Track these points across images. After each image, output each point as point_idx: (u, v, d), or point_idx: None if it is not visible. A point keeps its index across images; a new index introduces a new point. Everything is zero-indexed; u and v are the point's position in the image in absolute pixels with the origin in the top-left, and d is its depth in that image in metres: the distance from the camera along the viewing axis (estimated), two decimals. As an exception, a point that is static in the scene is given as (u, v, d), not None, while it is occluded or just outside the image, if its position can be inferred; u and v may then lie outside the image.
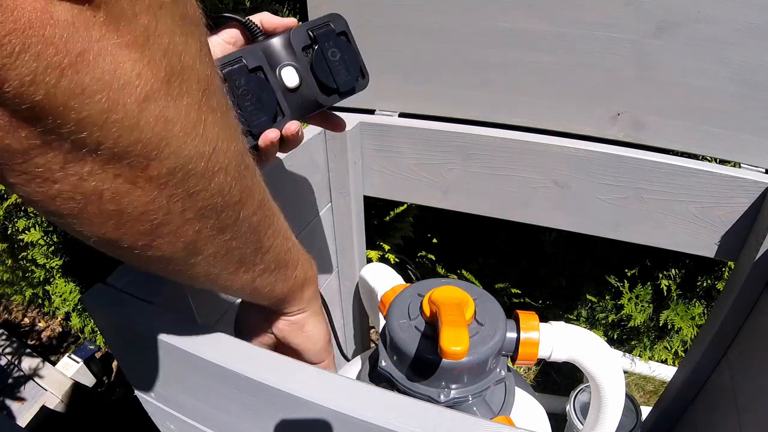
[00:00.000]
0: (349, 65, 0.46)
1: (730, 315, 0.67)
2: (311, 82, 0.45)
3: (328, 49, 0.45)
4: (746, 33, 0.59)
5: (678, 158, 0.69)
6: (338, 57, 0.45)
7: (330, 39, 0.45)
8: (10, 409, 1.40)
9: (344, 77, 0.46)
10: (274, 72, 0.43)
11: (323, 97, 0.46)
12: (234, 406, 0.45)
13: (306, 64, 0.45)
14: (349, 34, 0.47)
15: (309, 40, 0.45)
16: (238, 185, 0.28)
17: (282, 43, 0.44)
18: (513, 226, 1.03)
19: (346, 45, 0.46)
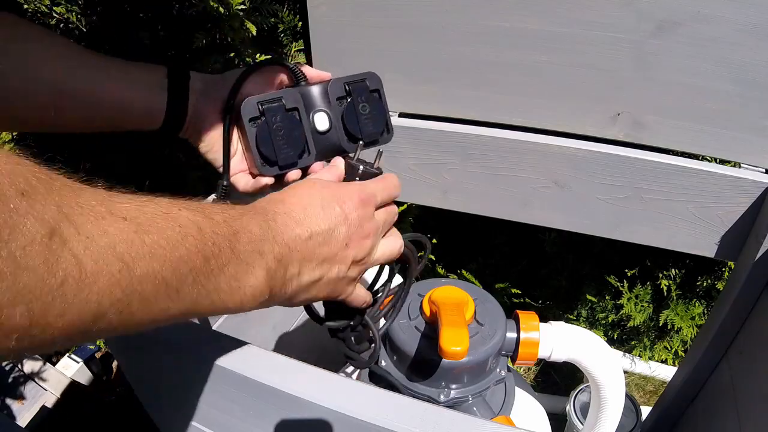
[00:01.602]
0: (376, 120, 0.52)
1: (730, 315, 0.67)
2: (339, 129, 0.50)
3: (359, 103, 0.50)
4: (746, 33, 0.59)
5: (678, 158, 0.69)
6: (367, 111, 0.51)
7: (363, 94, 0.51)
8: (10, 409, 1.40)
9: (370, 130, 0.51)
10: (308, 115, 0.49)
11: (348, 144, 0.51)
12: (234, 406, 0.45)
13: (338, 113, 0.50)
14: (382, 91, 0.52)
15: (344, 92, 0.50)
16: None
17: (320, 91, 0.50)
18: (513, 226, 1.03)
19: (377, 101, 0.52)
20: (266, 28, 1.12)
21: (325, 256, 0.40)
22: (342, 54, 0.79)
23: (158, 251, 0.27)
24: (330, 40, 0.78)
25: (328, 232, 0.40)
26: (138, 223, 0.26)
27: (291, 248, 0.38)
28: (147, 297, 0.26)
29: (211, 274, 0.31)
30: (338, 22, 0.76)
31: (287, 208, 0.39)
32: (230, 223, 0.33)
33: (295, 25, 1.19)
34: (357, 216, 0.42)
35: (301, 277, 0.39)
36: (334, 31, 0.77)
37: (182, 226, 0.29)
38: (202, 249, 0.30)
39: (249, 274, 0.34)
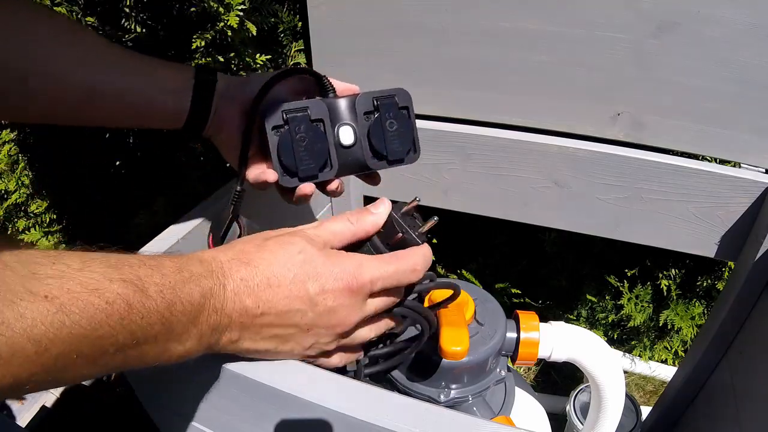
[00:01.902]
0: (403, 138, 0.49)
1: (730, 315, 0.67)
2: (365, 145, 0.49)
3: (387, 119, 0.48)
4: (746, 33, 0.59)
5: (678, 158, 0.69)
6: (395, 128, 0.49)
7: (391, 110, 0.49)
8: (10, 409, 1.40)
9: (395, 148, 0.49)
10: (333, 128, 0.47)
11: (372, 161, 0.49)
12: (235, 406, 0.45)
13: (364, 128, 0.48)
14: (411, 109, 0.50)
15: (372, 107, 0.48)
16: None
17: (347, 104, 0.48)
18: (513, 226, 1.03)
19: (405, 119, 0.50)
20: (266, 28, 1.12)
21: (276, 333, 0.37)
22: (342, 54, 0.79)
23: (78, 332, 0.27)
24: (330, 40, 0.78)
25: (285, 314, 0.36)
26: (60, 303, 0.26)
27: (232, 319, 0.35)
28: (63, 369, 0.27)
29: (137, 345, 0.30)
30: (338, 22, 0.76)
31: (247, 274, 0.36)
32: (166, 294, 0.31)
33: (295, 25, 1.19)
34: (333, 305, 0.37)
35: (239, 344, 0.37)
36: (334, 31, 0.77)
37: (109, 303, 0.28)
38: (127, 326, 0.29)
39: (178, 342, 0.33)
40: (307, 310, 0.37)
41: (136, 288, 0.30)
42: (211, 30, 1.06)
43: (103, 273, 0.29)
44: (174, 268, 0.33)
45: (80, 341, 0.27)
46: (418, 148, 0.51)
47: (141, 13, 1.07)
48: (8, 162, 1.41)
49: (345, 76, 0.52)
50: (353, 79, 0.53)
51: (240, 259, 0.36)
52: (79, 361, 0.27)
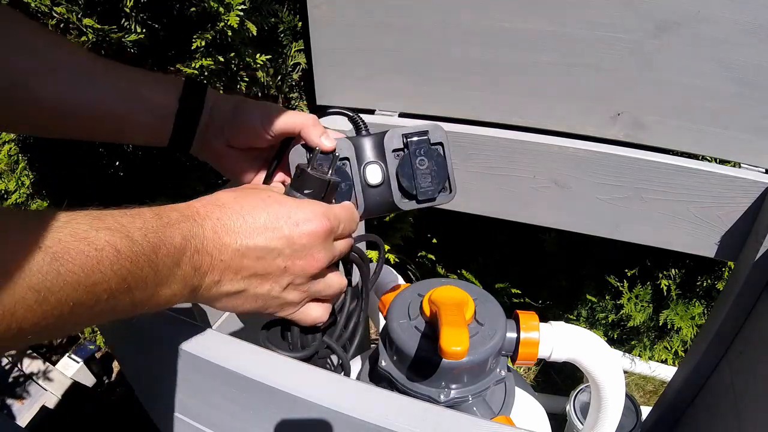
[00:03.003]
0: (435, 176, 0.47)
1: (730, 315, 0.67)
2: (393, 184, 0.47)
3: (417, 156, 0.46)
4: (746, 33, 0.59)
5: (678, 158, 0.69)
6: (425, 166, 0.47)
7: (422, 147, 0.46)
8: (11, 409, 1.40)
9: (426, 187, 0.47)
10: (359, 167, 0.46)
11: (401, 200, 0.47)
12: (234, 406, 0.45)
13: (393, 166, 0.46)
14: (446, 146, 0.48)
15: (402, 144, 0.46)
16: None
17: (375, 142, 0.46)
18: (513, 226, 1.03)
19: (438, 156, 0.47)
20: (266, 28, 1.12)
21: (254, 271, 0.38)
22: (342, 54, 0.79)
23: (72, 279, 0.28)
24: (330, 40, 0.78)
25: (263, 250, 0.38)
26: (53, 252, 0.27)
27: (213, 257, 0.36)
28: (62, 316, 0.28)
29: (128, 291, 0.32)
30: (338, 22, 0.76)
31: (223, 213, 0.37)
32: (150, 238, 0.33)
33: (295, 25, 1.19)
34: (306, 243, 0.39)
35: (221, 286, 0.38)
36: (334, 31, 0.77)
37: (98, 250, 0.29)
38: (117, 271, 0.30)
39: (165, 286, 0.34)
40: (283, 248, 0.38)
41: (122, 234, 0.31)
42: (211, 30, 1.06)
43: (89, 224, 0.30)
44: (153, 215, 0.34)
45: (75, 289, 0.28)
46: (454, 187, 0.49)
47: (141, 13, 1.07)
48: (8, 162, 1.41)
49: (345, 76, 0.52)
50: (354, 78, 0.53)
51: (214, 203, 0.38)
52: (76, 309, 0.28)
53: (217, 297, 0.39)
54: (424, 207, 0.48)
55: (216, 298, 0.39)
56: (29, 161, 1.42)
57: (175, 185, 1.30)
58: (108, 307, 0.31)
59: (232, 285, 0.38)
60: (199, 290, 0.37)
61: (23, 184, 1.44)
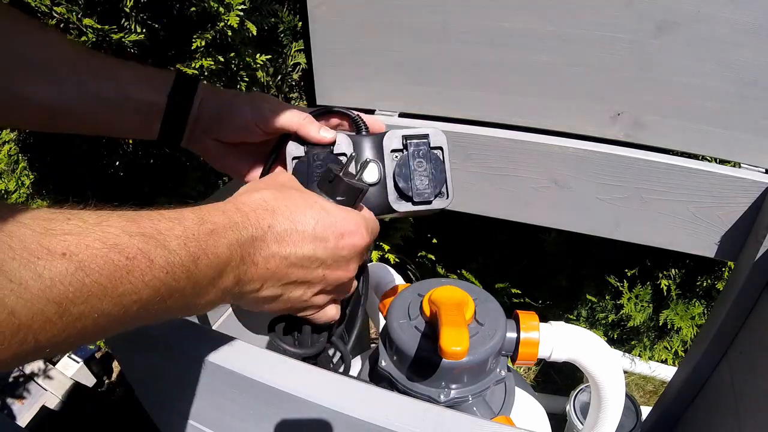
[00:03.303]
0: (432, 180, 0.47)
1: (730, 315, 0.67)
2: (389, 184, 0.46)
3: (415, 158, 0.46)
4: (746, 33, 0.59)
5: (678, 158, 0.69)
6: (423, 168, 0.46)
7: (421, 149, 0.46)
8: (11, 408, 1.40)
9: (422, 189, 0.46)
10: (357, 164, 0.45)
11: (396, 201, 0.47)
12: (234, 406, 0.45)
13: (391, 166, 0.46)
14: (445, 151, 0.47)
15: (401, 145, 0.46)
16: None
17: (374, 141, 0.46)
18: (513, 226, 1.03)
19: (437, 160, 0.47)
20: (266, 28, 1.12)
21: (295, 279, 0.38)
22: (342, 54, 0.79)
23: (99, 291, 0.25)
24: (330, 40, 0.78)
25: (309, 260, 0.37)
26: (78, 260, 0.25)
27: (259, 266, 0.35)
28: (86, 330, 0.26)
29: (161, 301, 0.29)
30: (338, 22, 0.76)
31: (275, 220, 0.36)
32: (190, 247, 0.30)
33: (295, 25, 1.19)
34: (348, 254, 0.39)
35: (259, 292, 0.37)
36: (334, 31, 0.77)
37: (130, 259, 0.27)
38: (149, 282, 0.28)
39: (203, 296, 0.32)
40: (327, 258, 0.38)
41: (157, 242, 0.28)
42: (211, 30, 1.06)
43: (122, 227, 0.27)
44: (196, 220, 0.32)
45: (101, 300, 0.26)
46: (450, 192, 0.48)
47: (141, 13, 1.07)
48: (8, 162, 1.41)
49: (345, 76, 0.52)
50: (354, 78, 0.53)
51: (264, 208, 0.36)
52: (101, 321, 0.26)
53: (252, 301, 0.38)
54: (418, 210, 0.48)
55: (250, 301, 0.38)
56: (29, 161, 1.42)
57: (175, 185, 1.30)
58: (137, 317, 0.29)
59: (270, 291, 0.37)
60: (234, 297, 0.36)
61: (23, 184, 1.44)
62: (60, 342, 0.25)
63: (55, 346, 0.25)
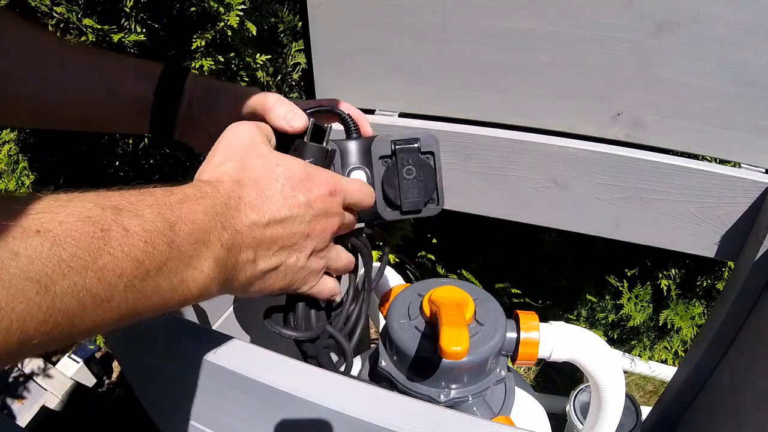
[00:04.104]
0: (422, 187, 0.45)
1: (730, 315, 0.67)
2: (378, 192, 0.45)
3: (404, 165, 0.44)
4: (746, 33, 0.59)
5: (678, 158, 0.69)
6: (413, 176, 0.44)
7: (410, 155, 0.44)
8: (11, 408, 1.40)
9: (411, 197, 0.45)
10: (344, 171, 0.44)
11: (384, 209, 0.45)
12: (234, 406, 0.45)
13: (379, 173, 0.45)
14: (437, 155, 0.46)
15: (390, 151, 0.44)
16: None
17: (362, 147, 0.44)
18: (513, 226, 1.03)
19: (427, 166, 0.45)
20: (266, 28, 1.12)
21: (284, 243, 0.38)
22: (342, 54, 0.79)
23: (77, 264, 0.25)
24: (330, 40, 0.78)
25: (288, 219, 0.37)
26: (53, 236, 0.24)
27: (244, 234, 0.35)
28: (73, 313, 0.25)
29: (147, 276, 0.28)
30: (338, 22, 0.76)
31: (242, 192, 0.36)
32: (165, 215, 0.30)
33: (295, 25, 1.19)
34: (323, 206, 0.39)
35: (256, 264, 0.36)
36: (334, 31, 0.77)
37: (105, 230, 0.26)
38: (130, 252, 0.27)
39: (192, 268, 0.31)
40: (304, 214, 0.38)
41: (130, 212, 0.28)
42: (211, 30, 1.06)
43: (93, 201, 0.27)
44: (165, 192, 0.31)
45: (83, 275, 0.25)
46: (441, 199, 0.46)
47: (141, 13, 1.07)
48: (8, 162, 1.41)
49: (345, 76, 0.51)
50: (354, 78, 0.53)
51: (231, 180, 0.36)
52: (86, 302, 0.25)
53: (251, 279, 0.37)
54: (408, 218, 0.47)
55: (250, 281, 0.37)
56: (29, 161, 1.42)
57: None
58: (126, 302, 0.27)
59: (267, 262, 0.37)
60: (235, 273, 0.35)
61: (23, 184, 1.44)
62: (48, 331, 0.24)
63: (44, 336, 0.24)
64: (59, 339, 0.25)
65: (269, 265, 0.37)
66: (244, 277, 0.36)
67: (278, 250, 0.37)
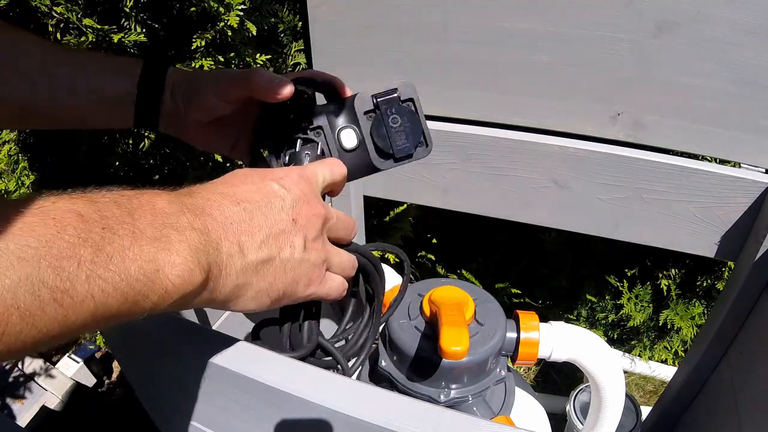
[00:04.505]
0: (410, 133, 0.47)
1: (730, 315, 0.67)
2: (369, 146, 0.47)
3: (389, 115, 0.46)
4: (746, 33, 0.59)
5: (678, 158, 0.69)
6: (399, 124, 0.47)
7: (393, 106, 0.47)
8: (11, 408, 1.40)
9: (401, 144, 0.47)
10: (333, 133, 0.46)
11: (379, 160, 0.47)
12: (234, 406, 0.45)
13: (367, 128, 0.46)
14: (416, 101, 0.48)
15: (372, 105, 0.46)
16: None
17: (347, 106, 0.47)
18: (513, 226, 1.03)
19: (410, 113, 0.47)
20: (266, 28, 1.12)
21: (269, 230, 0.35)
22: (342, 54, 0.79)
23: (28, 253, 0.22)
24: (330, 40, 0.78)
25: (265, 203, 0.35)
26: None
27: (219, 221, 0.32)
28: (29, 310, 0.22)
29: (111, 264, 0.25)
30: (338, 22, 0.76)
31: (208, 187, 0.34)
32: (122, 203, 0.27)
33: (295, 25, 1.19)
34: (300, 190, 0.37)
35: (245, 255, 0.33)
36: (334, 31, 0.77)
37: (57, 219, 0.24)
38: (87, 237, 0.24)
39: (164, 251, 0.28)
40: (283, 198, 0.36)
41: (85, 200, 0.26)
42: (211, 30, 1.06)
43: (43, 198, 0.25)
44: (119, 191, 0.29)
45: (34, 265, 0.22)
46: (429, 141, 0.48)
47: (141, 13, 1.07)
48: (8, 162, 1.41)
49: (345, 76, 0.51)
50: (354, 78, 0.53)
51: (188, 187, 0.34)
52: (44, 295, 0.23)
53: (248, 274, 0.34)
54: (402, 164, 0.49)
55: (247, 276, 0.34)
56: (29, 161, 1.42)
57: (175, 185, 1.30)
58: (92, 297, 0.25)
59: (256, 253, 0.34)
60: (223, 267, 0.32)
61: (23, 184, 1.44)
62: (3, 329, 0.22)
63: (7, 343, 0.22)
64: (18, 345, 0.23)
65: (260, 257, 0.34)
66: (235, 272, 0.33)
67: (265, 238, 0.35)
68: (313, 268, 0.39)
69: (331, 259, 0.42)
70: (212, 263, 0.31)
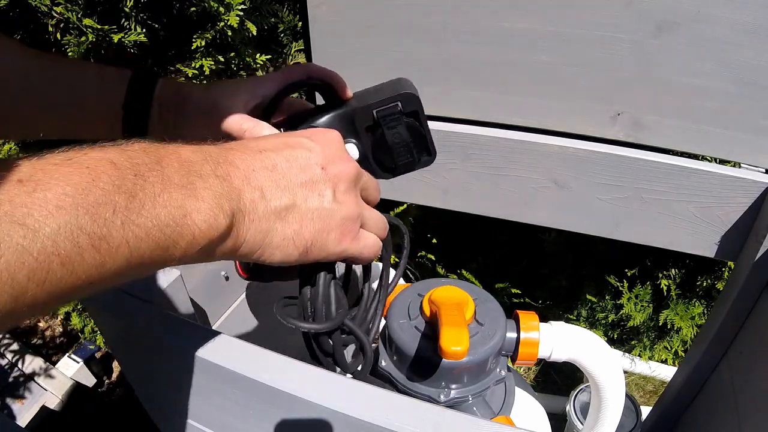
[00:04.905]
0: (413, 146, 0.45)
1: (730, 315, 0.67)
2: (371, 161, 0.45)
3: (391, 129, 0.44)
4: (746, 33, 0.59)
5: (678, 158, 0.69)
6: (400, 140, 0.45)
7: (394, 119, 0.44)
8: (11, 408, 1.40)
9: (404, 159, 0.45)
10: None
11: (382, 174, 0.47)
12: (234, 406, 0.45)
13: (368, 144, 0.45)
14: (420, 112, 0.46)
15: (373, 121, 0.44)
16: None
17: (347, 119, 0.45)
18: (513, 226, 1.03)
19: (413, 125, 0.45)
20: (266, 28, 1.12)
21: (294, 177, 0.34)
22: (342, 54, 0.79)
23: (66, 201, 0.23)
24: (330, 40, 0.78)
25: (289, 152, 0.34)
26: (35, 181, 0.23)
27: (240, 168, 0.32)
28: (69, 256, 0.23)
29: (143, 210, 0.26)
30: (338, 22, 0.76)
31: (228, 144, 0.34)
32: (150, 151, 0.28)
33: (295, 25, 1.19)
34: (328, 145, 0.37)
35: (267, 201, 0.32)
36: (334, 31, 0.77)
37: (91, 168, 0.25)
38: (121, 185, 0.25)
39: (191, 197, 0.28)
40: (311, 148, 0.35)
41: (116, 150, 0.27)
42: (211, 30, 1.06)
43: (75, 150, 0.26)
44: (144, 143, 0.29)
45: (72, 213, 0.23)
46: (434, 150, 0.47)
47: (141, 13, 1.07)
48: (8, 162, 1.41)
49: (345, 76, 0.51)
50: (354, 78, 0.52)
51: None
52: (82, 242, 0.23)
53: (272, 219, 0.33)
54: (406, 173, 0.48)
55: (271, 222, 0.33)
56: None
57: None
58: (126, 243, 0.25)
59: (279, 199, 0.33)
60: (242, 210, 0.31)
61: (23, 184, 1.43)
62: (42, 279, 0.22)
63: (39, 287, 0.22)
64: (58, 293, 0.23)
65: (283, 202, 0.33)
66: (258, 217, 0.32)
67: (289, 184, 0.34)
68: (345, 221, 0.37)
69: (366, 214, 0.39)
70: (235, 209, 0.31)
